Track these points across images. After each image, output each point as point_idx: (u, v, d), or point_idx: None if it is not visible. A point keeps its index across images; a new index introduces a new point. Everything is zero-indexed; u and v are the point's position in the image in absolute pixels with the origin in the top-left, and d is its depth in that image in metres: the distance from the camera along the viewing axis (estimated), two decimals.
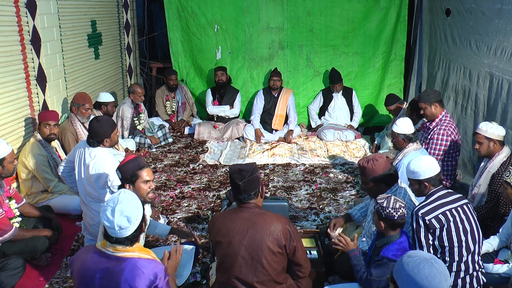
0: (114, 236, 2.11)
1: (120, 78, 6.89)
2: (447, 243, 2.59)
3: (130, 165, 2.79)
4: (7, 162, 3.13)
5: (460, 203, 2.71)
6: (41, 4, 4.37)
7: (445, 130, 4.14)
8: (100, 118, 3.42)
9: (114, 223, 2.07)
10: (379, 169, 2.94)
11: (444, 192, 2.75)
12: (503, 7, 4.18)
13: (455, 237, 2.59)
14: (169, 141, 6.23)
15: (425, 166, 2.77)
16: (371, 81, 7.09)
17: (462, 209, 2.68)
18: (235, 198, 2.52)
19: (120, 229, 2.08)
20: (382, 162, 2.97)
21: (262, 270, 2.34)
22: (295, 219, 4.14)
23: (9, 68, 4.01)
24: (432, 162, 2.81)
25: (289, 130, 6.40)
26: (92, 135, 3.34)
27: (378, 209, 2.56)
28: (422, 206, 2.67)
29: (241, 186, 2.43)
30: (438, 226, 2.58)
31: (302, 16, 6.83)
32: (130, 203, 2.14)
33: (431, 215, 2.60)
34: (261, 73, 7.13)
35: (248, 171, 2.45)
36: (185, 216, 4.20)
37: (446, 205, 2.66)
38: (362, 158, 3.06)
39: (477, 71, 4.69)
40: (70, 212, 4.04)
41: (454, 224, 2.61)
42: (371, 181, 2.97)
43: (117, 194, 2.18)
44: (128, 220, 2.09)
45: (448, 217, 2.61)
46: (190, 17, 6.87)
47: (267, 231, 2.35)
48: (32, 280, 3.19)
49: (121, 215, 2.08)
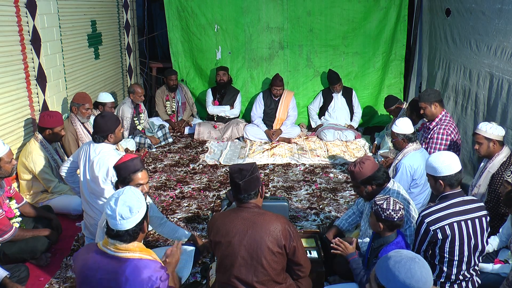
0: (114, 228, 2.11)
1: (120, 78, 6.89)
2: (447, 254, 2.54)
3: (126, 165, 2.81)
4: (4, 162, 3.12)
5: (475, 214, 2.56)
6: (41, 4, 4.37)
7: (445, 129, 4.13)
8: (104, 114, 3.50)
9: (116, 212, 2.10)
10: (367, 171, 2.90)
11: (458, 200, 2.59)
12: (503, 7, 4.18)
13: (458, 250, 2.52)
14: (169, 141, 6.24)
15: (443, 162, 2.61)
16: (371, 81, 7.10)
17: (473, 223, 2.54)
18: (235, 197, 2.52)
19: (121, 218, 2.10)
20: (370, 164, 2.93)
21: (262, 270, 2.34)
22: (295, 219, 4.14)
23: (9, 68, 4.01)
24: (452, 159, 2.63)
25: (277, 129, 6.40)
26: (96, 130, 3.40)
27: (377, 211, 2.54)
28: (429, 213, 2.54)
29: (241, 185, 2.43)
30: (441, 237, 2.50)
31: (302, 16, 6.83)
32: (134, 196, 2.18)
33: (437, 225, 2.50)
34: (261, 73, 7.13)
35: (248, 171, 2.46)
36: (185, 216, 4.20)
37: (457, 216, 2.52)
38: (350, 163, 3.05)
39: (477, 71, 4.69)
40: (70, 212, 4.04)
41: (460, 237, 2.50)
42: (361, 184, 2.94)
43: (122, 188, 2.23)
44: (130, 210, 2.11)
45: (455, 229, 2.50)
46: (190, 17, 6.87)
47: (266, 231, 2.35)
48: (32, 280, 3.18)
49: (124, 205, 2.11)
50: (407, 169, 3.67)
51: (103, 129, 3.38)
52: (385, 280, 1.78)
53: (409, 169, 3.67)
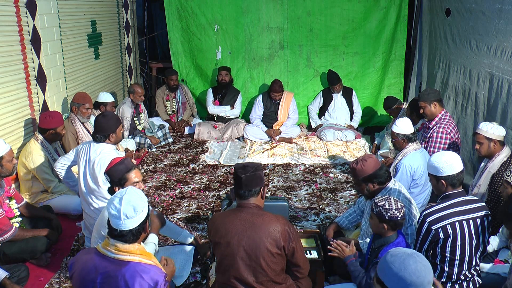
0: (118, 228, 2.10)
1: (120, 78, 6.89)
2: (449, 254, 2.54)
3: (117, 168, 2.80)
4: (6, 161, 3.13)
5: (476, 214, 2.57)
6: (41, 4, 4.37)
7: (445, 128, 4.14)
8: (106, 114, 3.51)
9: (121, 211, 2.08)
10: (369, 169, 2.91)
11: (460, 200, 2.60)
12: (503, 7, 4.18)
13: (459, 250, 2.52)
14: (169, 141, 6.23)
15: (445, 162, 2.61)
16: (371, 81, 7.10)
17: (475, 222, 2.54)
18: (236, 194, 2.51)
19: (126, 217, 2.09)
20: (372, 162, 2.94)
21: (261, 271, 2.34)
22: (295, 219, 4.14)
23: (9, 68, 4.01)
24: (453, 159, 2.64)
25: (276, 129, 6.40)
26: (98, 129, 3.41)
27: (380, 212, 2.51)
28: (431, 212, 2.55)
29: (243, 179, 2.43)
30: (443, 237, 2.50)
31: (302, 16, 6.83)
32: (137, 195, 2.18)
33: (438, 224, 2.51)
34: (261, 73, 7.13)
35: (252, 167, 2.47)
36: (185, 216, 4.20)
37: (459, 215, 2.52)
38: (353, 160, 3.05)
39: (477, 71, 4.69)
40: (70, 212, 4.04)
41: (461, 236, 2.51)
42: (362, 181, 2.95)
43: (125, 188, 2.22)
44: (134, 210, 2.10)
45: (456, 228, 2.50)
46: (190, 17, 6.87)
47: (265, 232, 2.34)
48: (32, 280, 3.18)
49: (128, 204, 2.10)
50: (407, 169, 3.67)
51: (104, 128, 3.39)
52: (381, 273, 1.80)
53: (409, 169, 3.67)
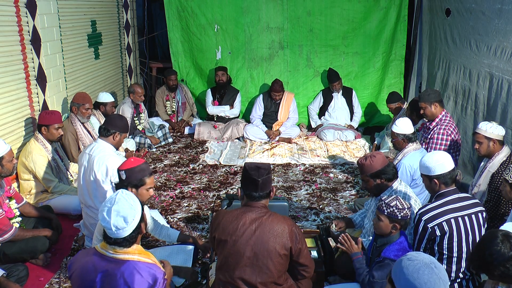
0: (112, 236, 2.09)
1: (120, 78, 6.89)
2: (446, 251, 2.55)
3: (139, 169, 2.75)
4: (6, 161, 3.13)
5: (471, 210, 2.59)
6: (41, 4, 4.37)
7: (445, 129, 4.14)
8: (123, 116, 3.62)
9: (110, 224, 2.05)
10: (377, 165, 2.95)
11: (454, 197, 2.64)
12: (503, 7, 4.18)
13: (456, 247, 2.54)
14: (169, 141, 6.23)
15: (436, 162, 2.68)
16: (371, 81, 7.10)
17: (470, 219, 2.57)
18: (248, 195, 2.47)
19: (116, 229, 2.05)
20: (380, 158, 2.98)
21: (267, 272, 2.34)
22: (295, 219, 4.14)
23: (9, 68, 4.01)
24: (444, 158, 2.71)
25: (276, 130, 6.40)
26: (108, 122, 3.43)
27: (393, 212, 2.52)
28: (426, 211, 2.58)
29: (260, 183, 2.42)
30: (439, 234, 2.52)
31: (302, 16, 6.83)
32: (127, 203, 2.11)
33: (434, 222, 2.53)
34: (261, 73, 7.13)
35: (266, 169, 2.47)
36: (185, 216, 4.20)
37: (453, 212, 2.56)
38: (361, 156, 3.08)
39: (477, 71, 4.69)
40: (70, 212, 4.04)
41: (458, 233, 2.53)
42: (370, 177, 2.98)
43: (114, 194, 2.15)
44: (124, 221, 2.06)
45: (452, 225, 2.53)
46: (190, 17, 6.87)
47: (274, 233, 2.35)
48: (32, 280, 3.18)
49: (117, 216, 2.06)
50: (407, 169, 3.68)
51: (115, 124, 3.41)
52: (394, 274, 1.79)
53: (409, 169, 3.68)
